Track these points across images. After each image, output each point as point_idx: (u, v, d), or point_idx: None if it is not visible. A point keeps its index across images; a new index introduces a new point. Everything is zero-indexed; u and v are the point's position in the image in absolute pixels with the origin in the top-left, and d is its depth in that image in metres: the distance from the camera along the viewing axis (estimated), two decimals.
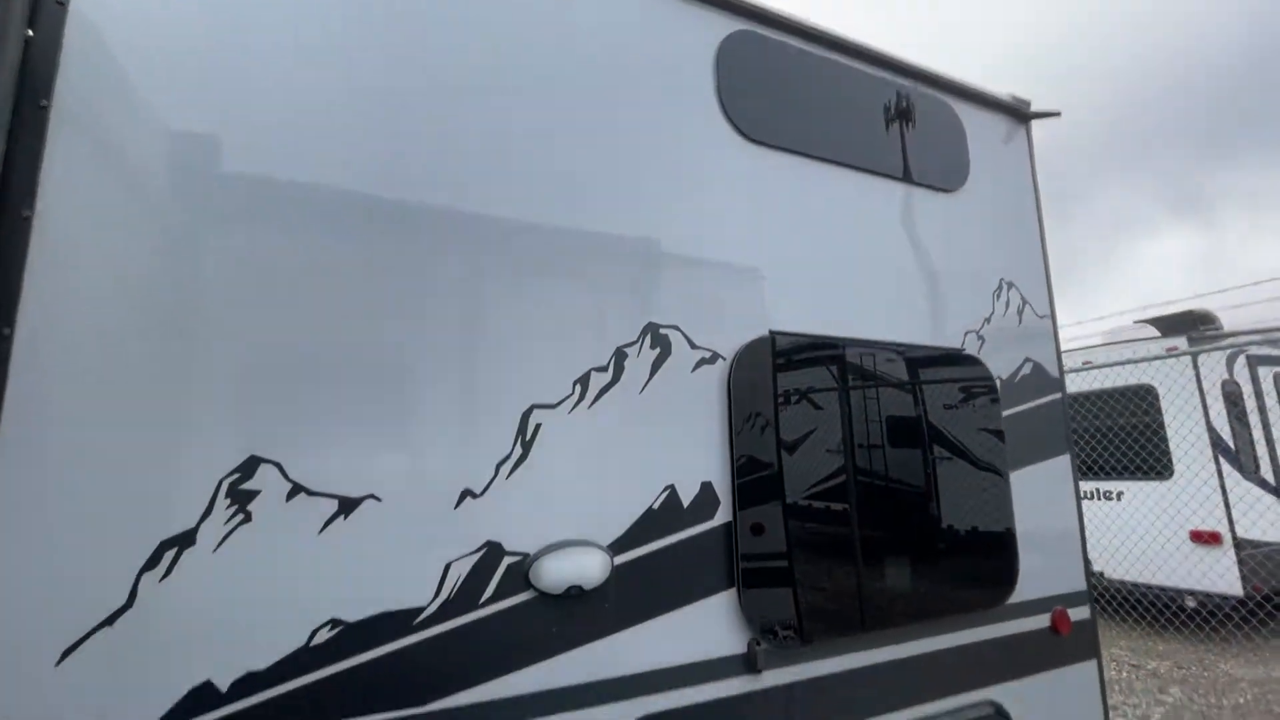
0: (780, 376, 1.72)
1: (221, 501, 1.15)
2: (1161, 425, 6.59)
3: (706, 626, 1.52)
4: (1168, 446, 6.53)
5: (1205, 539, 6.17)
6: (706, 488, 1.59)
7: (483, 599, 1.32)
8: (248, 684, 1.12)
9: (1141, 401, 6.72)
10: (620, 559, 1.45)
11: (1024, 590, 2.01)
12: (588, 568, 1.39)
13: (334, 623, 1.20)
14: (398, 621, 1.24)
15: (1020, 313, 2.27)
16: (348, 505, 1.24)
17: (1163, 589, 6.51)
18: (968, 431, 2.02)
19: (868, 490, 1.79)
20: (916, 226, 2.10)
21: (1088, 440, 7.08)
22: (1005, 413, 2.11)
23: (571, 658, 1.37)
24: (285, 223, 1.28)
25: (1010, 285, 2.27)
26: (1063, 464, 2.22)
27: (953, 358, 2.06)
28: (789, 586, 1.63)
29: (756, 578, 1.59)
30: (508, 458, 1.39)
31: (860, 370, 1.87)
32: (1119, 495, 6.91)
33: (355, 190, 1.35)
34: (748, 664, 1.55)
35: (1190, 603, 6.24)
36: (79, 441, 1.08)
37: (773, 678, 1.58)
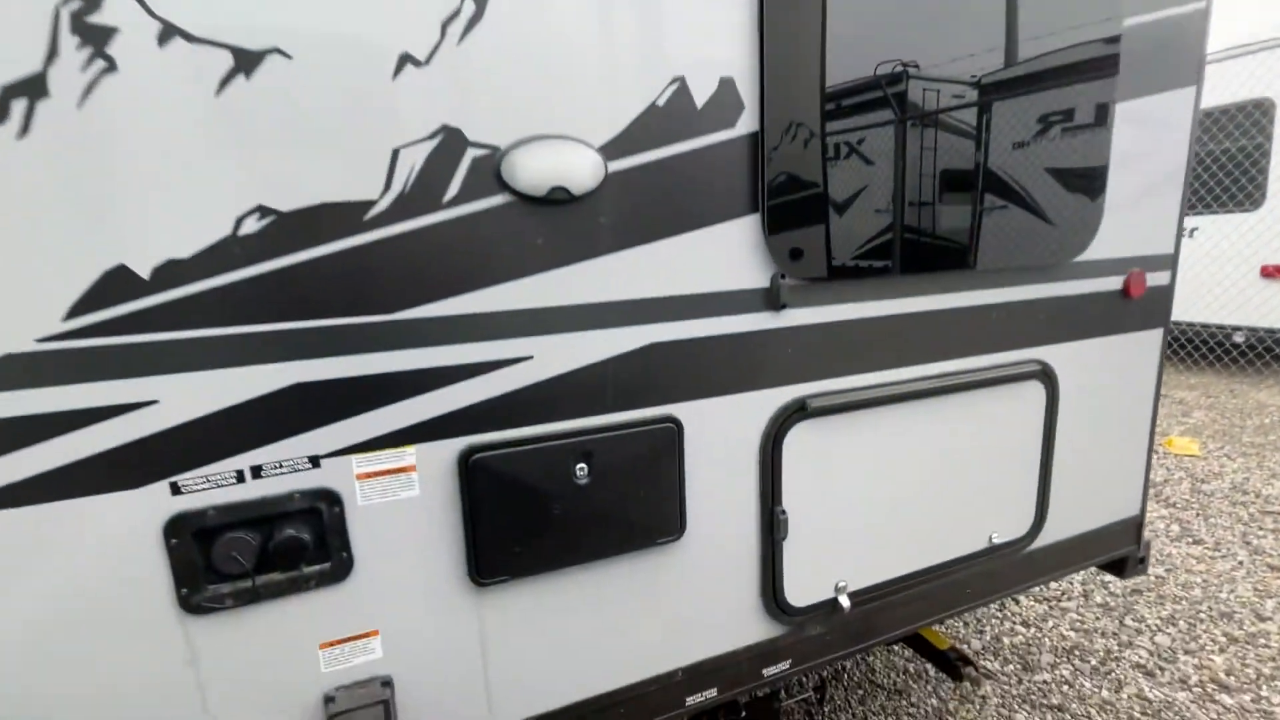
0: None
1: (68, 40, 0.87)
2: (1266, 147, 5.75)
3: (724, 254, 1.30)
4: (1266, 172, 5.78)
5: (1277, 273, 5.75)
6: (727, 86, 1.24)
7: (447, 198, 1.08)
8: (172, 273, 0.95)
9: (1248, 120, 5.79)
10: (616, 165, 1.18)
11: (1100, 247, 1.72)
12: (573, 166, 1.13)
13: (263, 210, 0.98)
14: (343, 215, 1.02)
15: None
16: (246, 60, 0.94)
17: (1208, 325, 6.31)
18: (1071, 44, 1.54)
19: (930, 108, 1.42)
20: None
21: None
22: (1126, 22, 1.61)
23: (562, 275, 1.17)
24: None
25: None
26: (1184, 99, 1.77)
27: None
28: (823, 214, 1.36)
29: (785, 202, 1.31)
30: (456, 14, 1.04)
31: None
32: (1191, 231, 6.35)
33: None
34: (769, 300, 1.35)
35: (1239, 338, 6.06)
36: None
37: (798, 316, 1.39)
